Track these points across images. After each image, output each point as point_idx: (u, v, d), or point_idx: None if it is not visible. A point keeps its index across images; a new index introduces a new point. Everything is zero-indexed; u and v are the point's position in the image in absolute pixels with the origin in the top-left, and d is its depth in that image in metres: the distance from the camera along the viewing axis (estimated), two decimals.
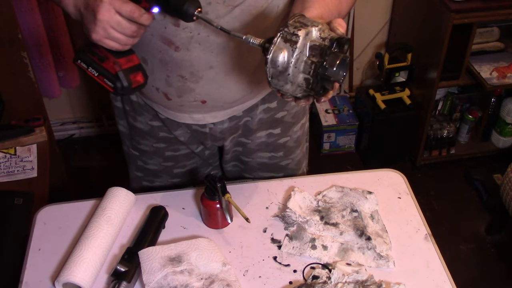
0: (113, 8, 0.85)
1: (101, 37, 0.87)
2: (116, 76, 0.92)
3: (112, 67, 0.92)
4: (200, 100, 1.13)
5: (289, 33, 0.77)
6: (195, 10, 0.86)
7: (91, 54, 0.94)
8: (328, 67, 0.76)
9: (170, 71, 1.07)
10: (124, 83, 0.93)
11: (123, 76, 0.92)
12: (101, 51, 0.92)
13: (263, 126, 1.28)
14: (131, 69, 0.94)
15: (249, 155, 1.33)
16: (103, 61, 0.93)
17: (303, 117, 1.35)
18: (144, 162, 1.34)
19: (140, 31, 0.89)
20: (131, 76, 0.94)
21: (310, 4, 0.90)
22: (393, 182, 1.24)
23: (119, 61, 0.92)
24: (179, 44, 1.01)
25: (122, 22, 0.86)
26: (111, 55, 0.92)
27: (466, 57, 2.31)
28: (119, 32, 0.87)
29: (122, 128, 1.33)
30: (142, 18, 0.86)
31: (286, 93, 0.83)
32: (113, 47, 0.89)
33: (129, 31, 0.88)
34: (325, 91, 0.82)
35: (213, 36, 1.01)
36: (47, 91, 2.33)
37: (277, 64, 0.77)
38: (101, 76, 0.93)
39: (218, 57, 1.05)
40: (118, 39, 0.88)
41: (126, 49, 0.92)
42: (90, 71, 0.94)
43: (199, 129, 1.24)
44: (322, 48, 0.77)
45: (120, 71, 0.92)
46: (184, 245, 1.05)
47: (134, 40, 0.91)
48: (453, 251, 2.24)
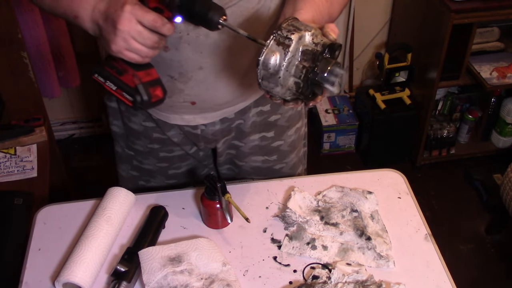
0: (134, 18, 0.82)
1: (121, 48, 0.85)
2: (135, 90, 0.89)
3: (131, 80, 0.89)
4: (190, 101, 1.13)
5: (282, 36, 0.77)
6: (220, 18, 0.84)
7: (109, 68, 0.91)
8: (319, 72, 0.77)
9: (159, 71, 1.06)
10: (144, 97, 0.89)
11: (143, 89, 0.89)
12: (119, 64, 0.89)
13: (256, 129, 1.28)
14: (151, 83, 0.91)
15: (242, 158, 1.33)
16: (121, 74, 0.89)
17: (298, 122, 1.34)
18: (139, 161, 1.34)
19: (161, 42, 0.87)
20: (150, 89, 0.90)
21: (301, 6, 0.90)
22: (393, 182, 1.24)
23: (139, 74, 0.89)
24: (168, 44, 1.00)
25: (144, 32, 0.84)
26: (130, 68, 0.89)
27: (466, 57, 2.31)
28: (140, 43, 0.85)
29: (116, 129, 1.33)
30: (164, 28, 0.84)
31: (275, 95, 0.82)
32: (133, 59, 0.87)
33: (150, 42, 0.85)
34: (314, 95, 0.82)
35: (202, 37, 1.00)
36: (47, 91, 2.33)
37: (269, 67, 0.77)
38: (119, 90, 0.90)
39: (208, 58, 1.04)
40: (139, 51, 0.85)
41: (146, 62, 0.89)
42: (108, 85, 0.91)
43: (191, 130, 1.23)
44: (314, 53, 0.77)
45: (140, 85, 0.89)
46: (184, 245, 1.05)
47: (155, 52, 0.88)
48: (453, 251, 2.24)
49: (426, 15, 2.33)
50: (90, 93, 2.64)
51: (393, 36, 2.69)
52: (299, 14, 0.87)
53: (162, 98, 0.94)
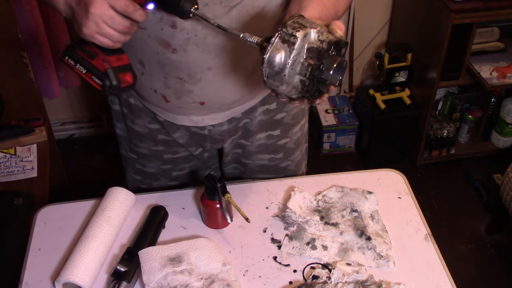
0: (106, 2, 0.83)
1: (92, 32, 0.85)
2: (105, 74, 0.89)
3: (101, 64, 0.89)
4: (199, 102, 1.13)
5: (287, 34, 0.76)
6: (191, 7, 0.85)
7: (80, 51, 0.91)
8: (325, 70, 0.76)
9: (168, 73, 1.07)
10: (113, 82, 0.90)
11: (113, 74, 0.90)
12: (90, 48, 0.90)
13: (263, 128, 1.28)
14: (121, 68, 0.91)
15: (248, 157, 1.33)
16: (92, 58, 0.90)
17: (302, 118, 1.34)
18: (142, 165, 1.34)
19: (133, 28, 0.88)
20: (120, 75, 0.91)
21: (307, 3, 0.90)
22: (393, 182, 1.24)
23: (109, 59, 0.90)
24: (176, 46, 1.01)
25: (115, 17, 0.84)
26: (101, 52, 0.89)
27: (466, 57, 2.31)
28: (111, 28, 0.85)
29: (120, 131, 1.33)
30: (136, 13, 0.85)
31: (281, 94, 0.82)
32: (104, 43, 0.87)
33: (121, 26, 0.85)
34: (320, 93, 0.81)
35: (210, 38, 1.00)
36: (47, 91, 2.32)
37: (274, 65, 0.77)
38: (89, 74, 0.91)
39: (216, 59, 1.04)
40: (110, 35, 0.86)
41: (117, 46, 0.90)
42: (78, 68, 0.91)
43: (198, 131, 1.23)
44: (320, 50, 0.76)
45: (110, 69, 0.89)
46: (184, 245, 1.05)
47: (126, 37, 0.88)
48: (453, 251, 2.24)
49: (426, 15, 2.33)
50: (90, 93, 2.64)
51: (393, 36, 2.69)
52: (305, 12, 0.87)
53: (132, 84, 0.94)
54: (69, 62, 0.93)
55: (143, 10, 0.86)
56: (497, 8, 2.15)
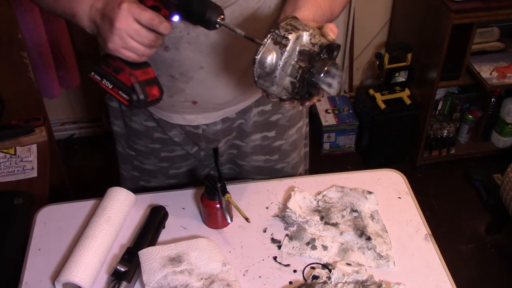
0: (131, 16, 0.82)
1: (117, 46, 0.84)
2: (131, 88, 0.88)
3: (127, 79, 0.89)
4: (191, 101, 1.13)
5: (280, 36, 0.77)
6: (217, 18, 0.84)
7: (106, 66, 0.90)
8: (315, 73, 0.76)
9: (160, 71, 1.06)
10: (140, 96, 0.89)
11: (139, 88, 0.89)
12: (116, 62, 0.89)
13: (258, 129, 1.28)
14: (147, 82, 0.90)
15: (243, 158, 1.33)
16: (118, 73, 0.89)
17: (299, 121, 1.34)
18: (140, 162, 1.34)
19: (158, 40, 0.87)
20: (147, 88, 0.90)
21: (302, 4, 0.89)
22: (393, 182, 1.24)
23: (135, 73, 0.89)
24: (169, 44, 1.01)
25: (141, 31, 0.83)
26: (127, 66, 0.88)
27: (466, 57, 2.31)
28: (136, 41, 0.84)
29: (117, 128, 1.33)
30: (161, 26, 0.84)
31: (271, 94, 0.82)
32: (130, 57, 0.86)
33: (147, 40, 0.85)
34: (310, 95, 0.81)
35: (202, 37, 1.00)
36: (47, 91, 2.33)
37: (265, 66, 0.77)
38: (115, 89, 0.90)
39: (208, 58, 1.04)
40: (136, 49, 0.85)
41: (143, 60, 0.89)
42: (104, 84, 0.91)
43: (192, 130, 1.23)
44: (311, 54, 0.77)
45: (136, 83, 0.88)
46: (184, 245, 1.05)
47: (152, 50, 0.88)
48: (453, 251, 2.24)
49: (426, 15, 2.33)
50: (90, 93, 2.64)
51: (393, 36, 2.69)
52: (300, 12, 0.87)
53: (159, 97, 0.94)
54: (95, 77, 0.92)
55: (168, 23, 0.85)
56: (497, 8, 2.15)
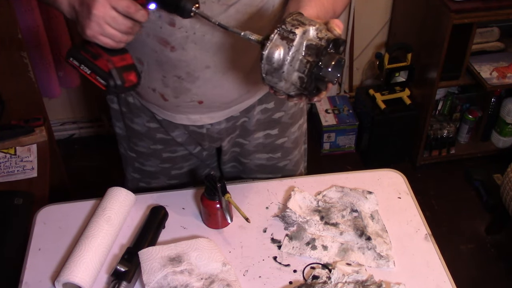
0: (108, 4, 0.83)
1: (95, 33, 0.86)
2: (109, 74, 0.90)
3: (105, 64, 0.90)
4: (197, 101, 1.13)
5: (287, 31, 0.77)
6: (192, 6, 0.85)
7: (84, 52, 0.92)
8: (323, 67, 0.76)
9: (166, 72, 1.07)
10: (117, 82, 0.91)
11: (116, 74, 0.91)
12: (94, 48, 0.91)
13: (261, 127, 1.28)
14: (125, 68, 0.92)
15: (247, 156, 1.33)
16: (96, 59, 0.91)
17: (300, 118, 1.34)
18: (141, 163, 1.34)
19: (135, 28, 0.88)
20: (124, 74, 0.92)
21: (306, 2, 0.90)
22: (393, 182, 1.24)
23: (113, 59, 0.90)
24: (175, 44, 1.01)
25: (118, 18, 0.85)
26: (105, 52, 0.90)
27: (466, 57, 2.31)
28: (114, 28, 0.86)
29: (119, 130, 1.33)
30: (138, 14, 0.85)
31: (279, 90, 0.82)
32: (107, 44, 0.88)
33: (124, 27, 0.86)
34: (318, 91, 0.81)
35: (208, 36, 1.00)
36: (47, 91, 2.33)
37: (273, 61, 0.77)
38: (93, 74, 0.92)
39: (214, 57, 1.04)
40: (113, 36, 0.87)
41: (120, 47, 0.90)
42: (82, 69, 0.92)
43: (196, 129, 1.23)
44: (319, 48, 0.77)
45: (114, 69, 0.90)
46: (184, 245, 1.05)
47: (129, 37, 0.89)
48: (453, 251, 2.24)
49: (426, 15, 2.33)
50: (90, 93, 2.64)
51: (393, 36, 2.69)
52: (303, 11, 0.87)
53: (136, 83, 0.95)
54: (73, 63, 0.94)
55: (145, 10, 0.87)
56: (497, 8, 2.15)
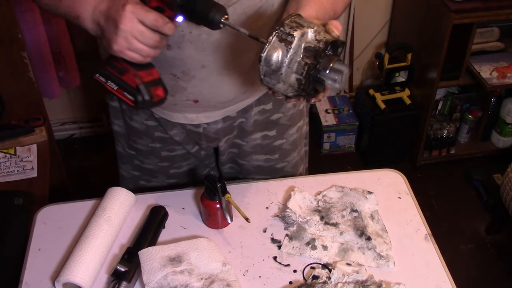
0: (136, 18, 0.83)
1: (122, 48, 0.85)
2: (137, 89, 0.89)
3: (132, 80, 0.89)
4: (193, 100, 1.13)
5: (285, 33, 0.77)
6: (221, 18, 0.84)
7: (110, 67, 0.91)
8: (321, 69, 0.77)
9: (162, 70, 1.06)
10: (145, 97, 0.90)
11: (144, 89, 0.89)
12: (120, 63, 0.90)
13: (258, 128, 1.28)
14: (152, 83, 0.91)
15: (244, 157, 1.33)
16: (122, 74, 0.90)
17: (299, 120, 1.34)
18: (140, 161, 1.34)
19: (163, 41, 0.88)
20: (151, 89, 0.91)
21: (305, 2, 0.90)
22: (393, 182, 1.24)
23: (140, 74, 0.89)
24: (171, 43, 1.01)
25: (145, 32, 0.84)
26: (132, 67, 0.89)
27: (466, 57, 2.31)
28: (141, 43, 0.85)
29: (118, 128, 1.33)
30: (165, 27, 0.85)
31: (277, 92, 0.83)
32: (134, 58, 0.87)
33: (151, 41, 0.85)
34: (316, 92, 0.82)
35: (204, 35, 1.00)
36: (47, 91, 2.33)
37: (271, 63, 0.77)
38: (120, 90, 0.90)
39: (210, 57, 1.04)
40: (140, 50, 0.86)
41: (147, 61, 0.89)
42: (109, 85, 0.91)
43: (193, 129, 1.23)
44: (317, 50, 0.77)
45: (141, 84, 0.89)
46: (184, 245, 1.05)
47: (156, 51, 0.88)
48: (453, 251, 2.24)
49: (426, 15, 2.33)
50: (90, 93, 2.64)
51: (393, 36, 2.69)
52: (303, 11, 0.87)
53: (164, 98, 0.94)
54: (99, 79, 0.92)
55: (172, 23, 0.86)
56: (497, 8, 2.15)
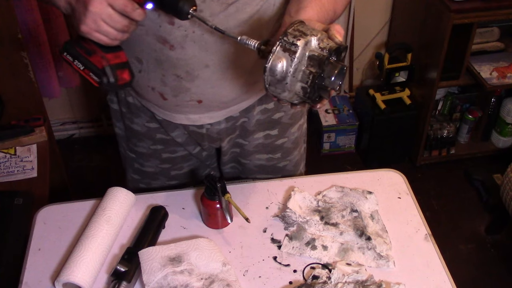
0: (105, 1, 0.83)
1: (90, 29, 0.86)
2: (102, 71, 0.90)
3: (99, 61, 0.90)
4: (196, 100, 1.13)
5: (288, 43, 0.77)
6: (190, 8, 0.86)
7: (79, 47, 0.92)
8: (326, 77, 0.77)
9: (166, 70, 1.07)
10: (111, 79, 0.91)
11: (110, 71, 0.90)
12: (89, 44, 0.90)
13: (261, 127, 1.28)
14: (118, 66, 0.92)
15: (246, 156, 1.33)
16: (90, 55, 0.91)
17: (300, 118, 1.34)
18: (140, 164, 1.34)
19: (131, 26, 0.88)
20: (118, 72, 0.92)
21: (306, 4, 0.90)
22: (393, 182, 1.24)
23: (107, 56, 0.90)
24: (174, 43, 1.01)
25: (114, 16, 0.85)
26: (99, 49, 0.90)
27: (466, 57, 2.31)
28: (109, 26, 0.86)
29: (119, 131, 1.33)
30: (134, 13, 0.85)
31: (283, 100, 0.83)
32: (102, 40, 0.88)
33: (120, 25, 0.86)
34: (320, 98, 0.83)
35: (207, 35, 1.00)
36: (47, 91, 2.32)
37: (276, 73, 0.78)
38: (87, 70, 0.91)
39: (213, 56, 1.04)
40: (108, 33, 0.86)
41: (115, 44, 0.90)
42: (76, 65, 0.92)
43: (196, 129, 1.23)
44: (321, 59, 0.77)
45: (107, 66, 0.90)
46: (184, 245, 1.05)
47: (124, 35, 0.89)
48: (453, 251, 2.24)
49: (426, 15, 2.33)
50: (90, 93, 2.64)
51: (393, 36, 2.69)
52: (304, 12, 0.88)
53: (129, 81, 0.95)
54: (67, 58, 0.93)
55: (142, 10, 0.87)
56: (497, 8, 2.15)
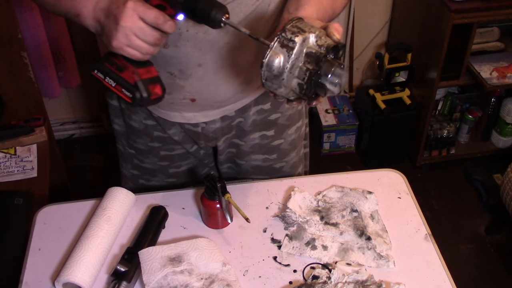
0: (136, 14, 0.83)
1: (122, 44, 0.85)
2: (135, 86, 0.89)
3: (131, 76, 0.89)
4: (190, 98, 1.13)
5: (286, 39, 0.77)
6: (222, 16, 0.85)
7: (109, 64, 0.91)
8: (323, 74, 0.77)
9: (159, 68, 1.06)
10: (143, 94, 0.89)
11: (142, 86, 0.89)
12: (119, 60, 0.90)
13: (257, 128, 1.28)
14: (150, 80, 0.91)
15: (242, 157, 1.33)
16: (121, 71, 0.90)
17: (298, 120, 1.34)
18: (140, 160, 1.34)
19: (162, 39, 0.87)
20: (150, 87, 0.91)
21: (305, 1, 0.90)
22: (393, 182, 1.24)
23: (138, 71, 0.89)
24: (168, 41, 1.01)
25: (145, 29, 0.84)
26: (130, 64, 0.89)
27: (466, 57, 2.31)
28: (141, 40, 0.85)
29: (118, 127, 1.33)
30: (166, 25, 0.84)
31: (279, 95, 0.83)
32: (134, 55, 0.87)
33: (151, 38, 0.85)
34: (317, 95, 0.83)
35: (201, 34, 1.00)
36: (47, 91, 2.33)
37: (273, 69, 0.78)
38: (118, 86, 0.90)
39: (207, 55, 1.04)
40: (140, 47, 0.85)
41: (146, 59, 0.89)
42: (107, 81, 0.91)
43: (191, 128, 1.23)
44: (318, 56, 0.78)
45: (140, 81, 0.89)
46: (184, 245, 1.05)
47: (156, 49, 0.88)
48: (453, 251, 2.24)
49: (426, 15, 2.33)
50: (90, 93, 2.64)
51: (393, 36, 2.69)
52: (303, 10, 0.88)
53: (161, 96, 0.94)
54: (98, 75, 0.92)
55: (173, 21, 0.86)
56: (497, 8, 2.15)
